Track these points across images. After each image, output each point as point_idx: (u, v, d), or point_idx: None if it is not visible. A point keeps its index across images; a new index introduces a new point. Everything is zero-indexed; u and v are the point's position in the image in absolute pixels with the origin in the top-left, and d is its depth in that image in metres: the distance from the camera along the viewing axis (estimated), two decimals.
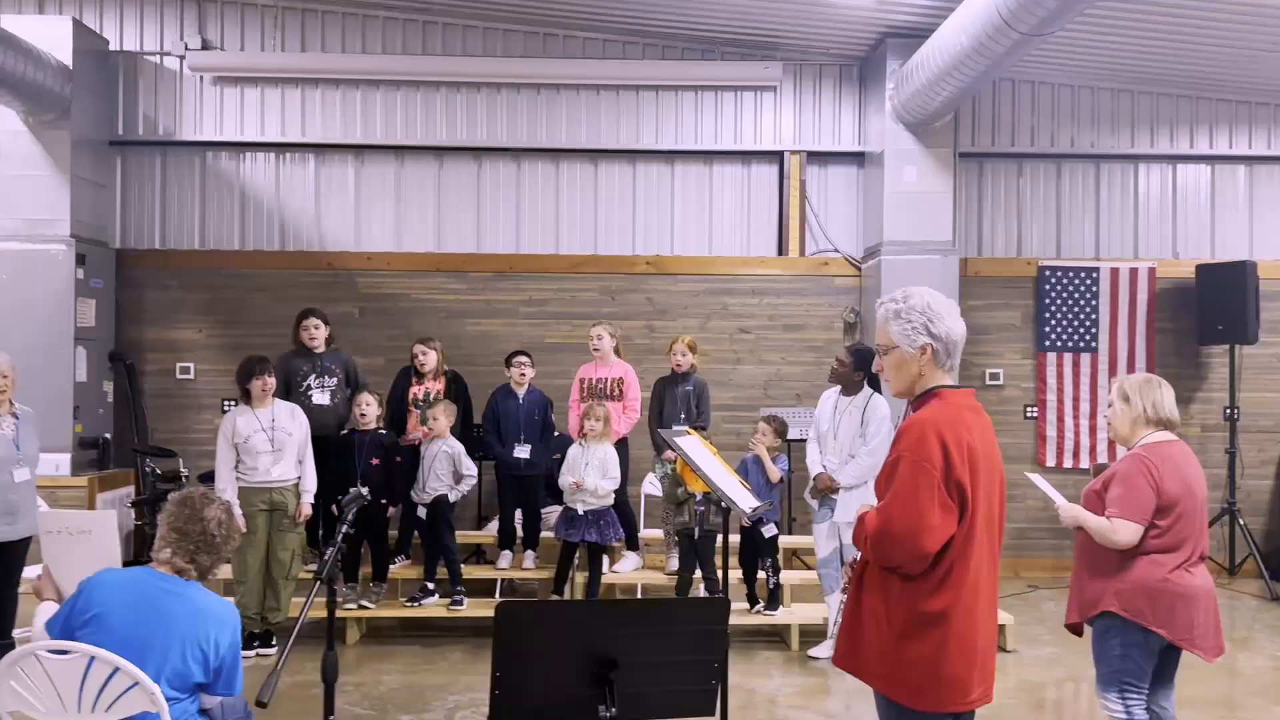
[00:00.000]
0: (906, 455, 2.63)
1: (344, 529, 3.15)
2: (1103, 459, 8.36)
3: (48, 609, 3.36)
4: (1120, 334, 8.71)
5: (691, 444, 3.95)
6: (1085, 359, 8.73)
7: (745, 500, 3.80)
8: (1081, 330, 8.73)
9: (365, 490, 3.42)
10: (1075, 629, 3.92)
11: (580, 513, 6.46)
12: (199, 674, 3.06)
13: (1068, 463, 8.70)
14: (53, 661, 2.91)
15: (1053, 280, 8.74)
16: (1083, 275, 8.74)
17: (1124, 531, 3.65)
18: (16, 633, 5.83)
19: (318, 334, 6.93)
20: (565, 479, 6.56)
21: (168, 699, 2.97)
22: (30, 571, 5.99)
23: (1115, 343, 8.71)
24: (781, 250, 8.82)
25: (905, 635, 2.64)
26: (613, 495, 6.61)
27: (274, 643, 6.15)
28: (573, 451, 6.66)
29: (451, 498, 6.56)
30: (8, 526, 5.47)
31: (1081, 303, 8.73)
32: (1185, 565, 3.69)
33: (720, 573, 6.30)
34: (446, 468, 6.52)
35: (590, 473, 6.50)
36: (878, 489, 2.79)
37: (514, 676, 2.43)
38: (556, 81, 8.65)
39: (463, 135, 8.68)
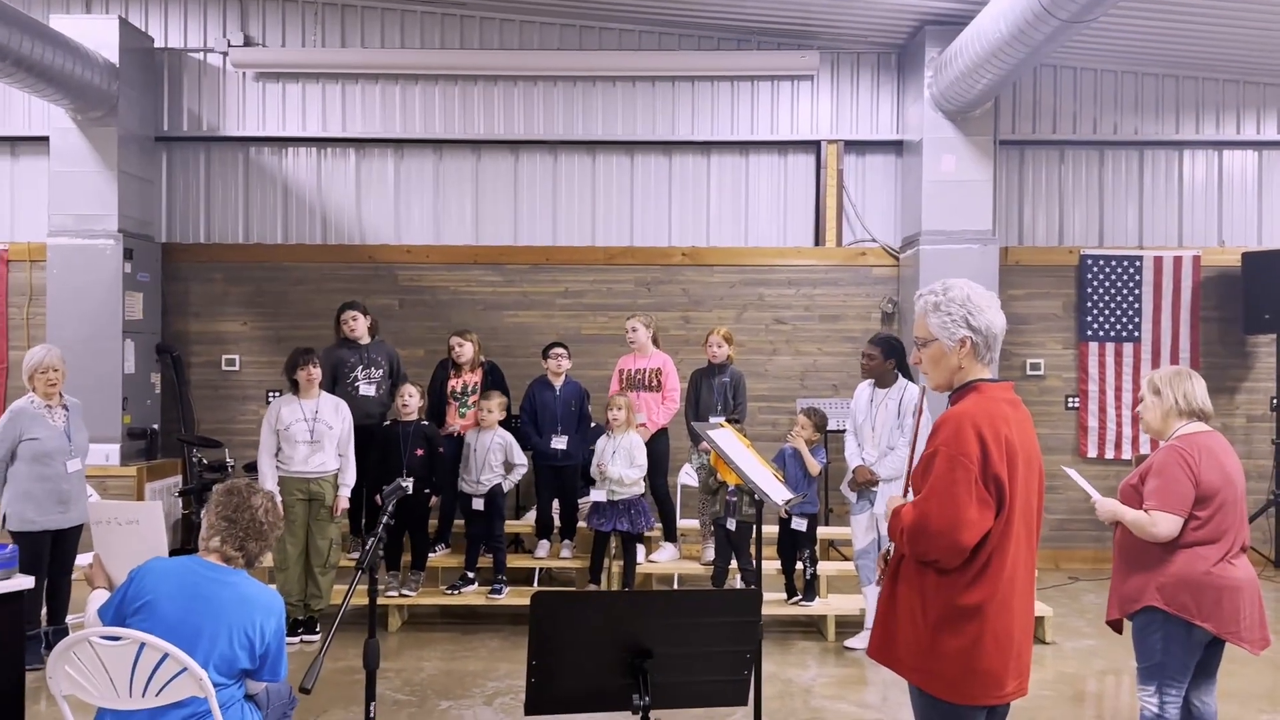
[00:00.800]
0: (943, 449, 2.62)
1: (385, 519, 3.21)
2: (1145, 450, 8.26)
3: (99, 596, 3.45)
4: (1164, 323, 8.58)
5: (724, 436, 3.97)
6: (1128, 349, 8.62)
7: (778, 492, 3.81)
8: (1124, 319, 8.61)
9: (407, 482, 3.46)
10: (1116, 626, 3.90)
11: (607, 501, 6.50)
12: (245, 660, 3.14)
13: (1109, 454, 8.60)
14: (105, 647, 3.00)
15: (1095, 269, 8.63)
16: (1125, 264, 8.62)
17: (1163, 524, 3.62)
18: (69, 619, 6.01)
19: (357, 325, 7.02)
20: (594, 469, 6.63)
21: (215, 684, 3.05)
22: (82, 559, 6.18)
23: (1159, 332, 8.59)
24: (818, 240, 8.79)
25: (940, 628, 2.65)
26: (642, 484, 6.64)
27: (317, 629, 6.28)
28: (601, 442, 6.71)
29: (505, 487, 6.64)
30: (61, 515, 5.64)
31: (1124, 291, 8.62)
32: (1228, 557, 3.65)
33: (754, 563, 6.38)
34: (499, 458, 6.61)
35: (617, 460, 6.54)
36: (914, 482, 2.79)
37: (549, 665, 2.47)
38: (593, 74, 8.68)
39: (500, 129, 8.74)
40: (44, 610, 5.71)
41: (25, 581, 3.59)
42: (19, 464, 5.54)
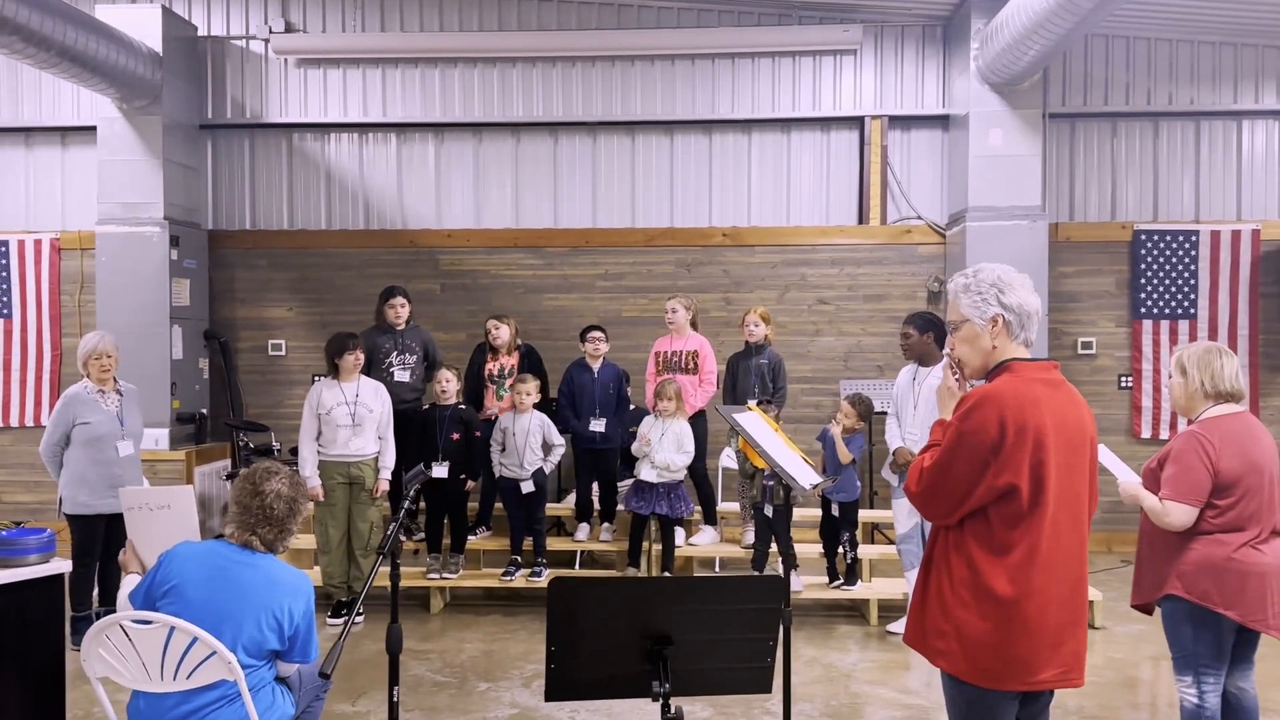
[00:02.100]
0: (955, 424, 2.64)
1: (406, 504, 3.20)
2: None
3: (132, 581, 3.50)
4: (1221, 299, 8.31)
5: (750, 419, 3.90)
6: (1184, 326, 8.37)
7: (805, 476, 3.74)
8: (1180, 296, 8.36)
9: (427, 466, 3.45)
10: (1144, 609, 3.79)
11: (652, 482, 6.44)
12: (274, 642, 3.16)
13: (1164, 434, 8.37)
14: (136, 631, 3.03)
15: (1149, 244, 8.38)
16: (1181, 239, 8.36)
17: (1176, 514, 3.50)
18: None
19: (403, 312, 7.07)
20: (637, 446, 6.57)
21: (244, 666, 3.07)
22: None
23: (1216, 309, 8.32)
24: (862, 219, 8.64)
25: (970, 612, 2.62)
26: (684, 470, 6.59)
27: (361, 612, 6.32)
28: (647, 421, 6.65)
29: (546, 470, 6.63)
30: (113, 499, 5.71)
31: (1180, 267, 8.36)
32: (1253, 542, 3.50)
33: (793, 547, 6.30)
34: (538, 440, 6.60)
35: (665, 445, 6.49)
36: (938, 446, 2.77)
37: (568, 651, 2.44)
38: (632, 53, 8.60)
39: (540, 111, 8.71)
40: (95, 591, 5.83)
41: (63, 565, 3.65)
42: (74, 448, 5.65)
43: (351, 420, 6.12)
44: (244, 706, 3.09)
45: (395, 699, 2.89)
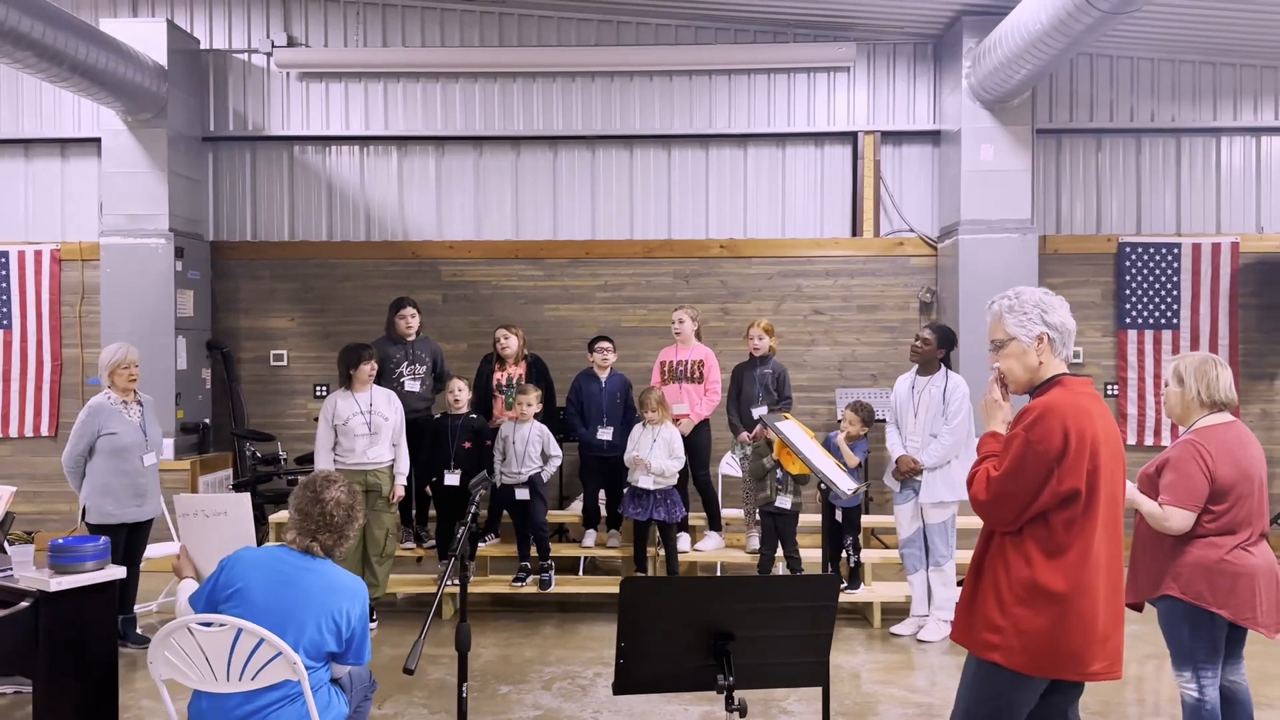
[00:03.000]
0: (1022, 434, 2.82)
1: (473, 509, 3.33)
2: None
3: (189, 586, 3.60)
4: (1203, 310, 8.60)
5: (791, 428, 4.07)
6: (1167, 336, 8.64)
7: (844, 482, 3.92)
8: (1163, 307, 8.64)
9: (491, 473, 3.59)
10: (1135, 607, 3.98)
11: (648, 489, 6.58)
12: (333, 644, 3.28)
13: (1149, 440, 8.64)
14: (203, 634, 3.14)
15: (1133, 256, 8.66)
16: (1164, 251, 8.64)
17: (1175, 519, 3.69)
18: (138, 607, 6.21)
19: (414, 322, 7.17)
20: (628, 455, 6.70)
21: (305, 668, 3.19)
22: (153, 550, 6.39)
23: (1197, 319, 8.61)
24: (856, 231, 8.86)
25: (1024, 607, 2.80)
26: (677, 475, 6.73)
27: (374, 617, 6.44)
28: (636, 430, 6.77)
29: (544, 477, 6.76)
30: (137, 508, 5.83)
31: (1163, 279, 8.64)
32: (1244, 545, 3.70)
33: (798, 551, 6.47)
34: (537, 449, 6.72)
35: (657, 452, 6.63)
36: (998, 456, 2.94)
37: (637, 647, 2.59)
38: (630, 69, 8.77)
39: (539, 125, 8.86)
40: None
41: (118, 571, 3.75)
42: (97, 459, 5.72)
43: (368, 429, 6.23)
44: (304, 706, 3.21)
45: (464, 694, 3.02)
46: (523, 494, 6.70)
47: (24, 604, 3.52)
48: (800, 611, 2.66)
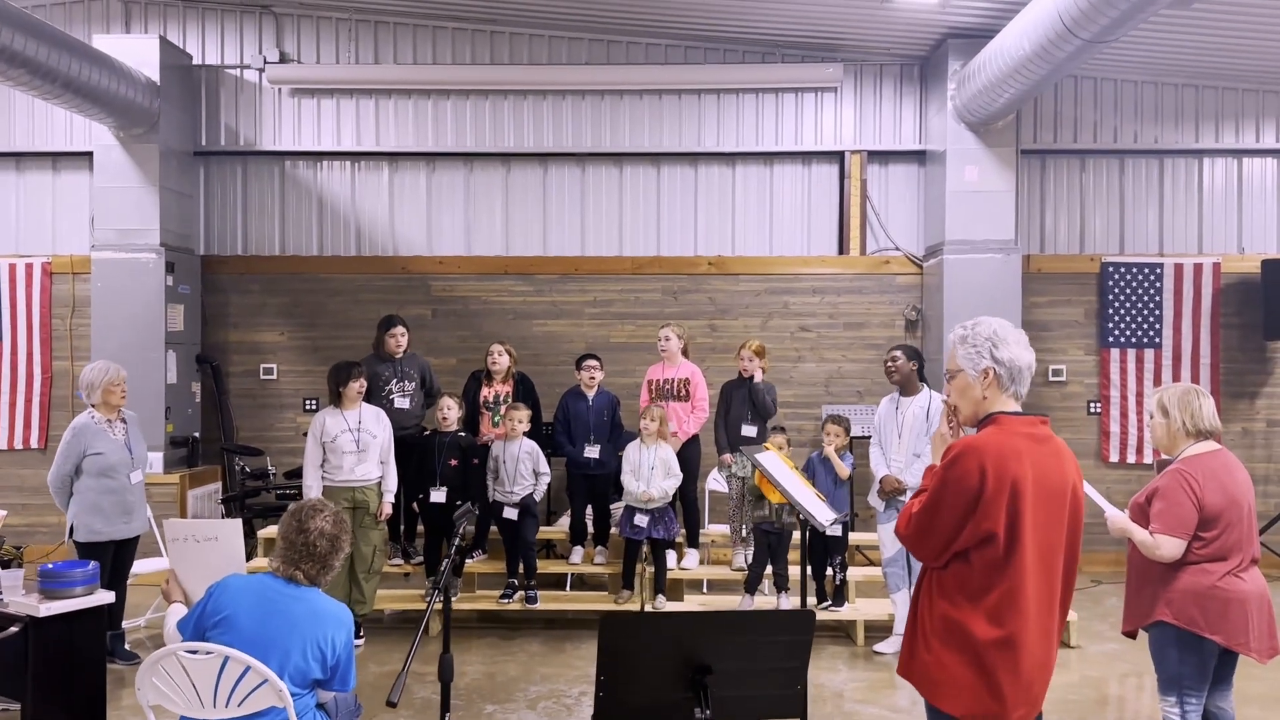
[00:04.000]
0: (940, 472, 2.79)
1: (457, 541, 3.39)
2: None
3: (177, 611, 3.65)
4: (1185, 329, 8.71)
5: (770, 459, 4.14)
6: (1149, 355, 8.75)
7: (822, 513, 3.98)
8: (1145, 326, 8.74)
9: (473, 503, 3.65)
10: (1131, 634, 4.06)
11: (638, 518, 6.66)
12: (318, 671, 3.33)
13: (1131, 458, 8.74)
14: (191, 660, 3.19)
15: (1116, 276, 8.76)
16: (1146, 271, 8.75)
17: (1166, 546, 3.76)
18: (126, 623, 6.24)
19: (403, 341, 7.23)
20: (630, 481, 6.74)
21: (291, 694, 3.24)
22: (141, 565, 6.43)
23: (1179, 338, 8.72)
24: (842, 249, 8.95)
25: (949, 649, 2.78)
26: (672, 494, 6.79)
27: (361, 634, 6.48)
28: (633, 452, 6.83)
29: (536, 496, 6.81)
30: (125, 525, 5.88)
31: (1145, 298, 8.74)
32: (1235, 571, 3.78)
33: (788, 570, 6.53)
34: (529, 467, 6.78)
35: (655, 475, 6.70)
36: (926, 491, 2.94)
37: (616, 680, 2.65)
38: (619, 87, 8.85)
39: (529, 142, 8.93)
40: None
41: (107, 596, 3.79)
42: (84, 478, 5.76)
43: (356, 446, 6.28)
44: None
45: None
46: (511, 514, 6.76)
47: (13, 629, 3.56)
48: (776, 645, 2.72)
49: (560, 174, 9.03)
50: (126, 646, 6.12)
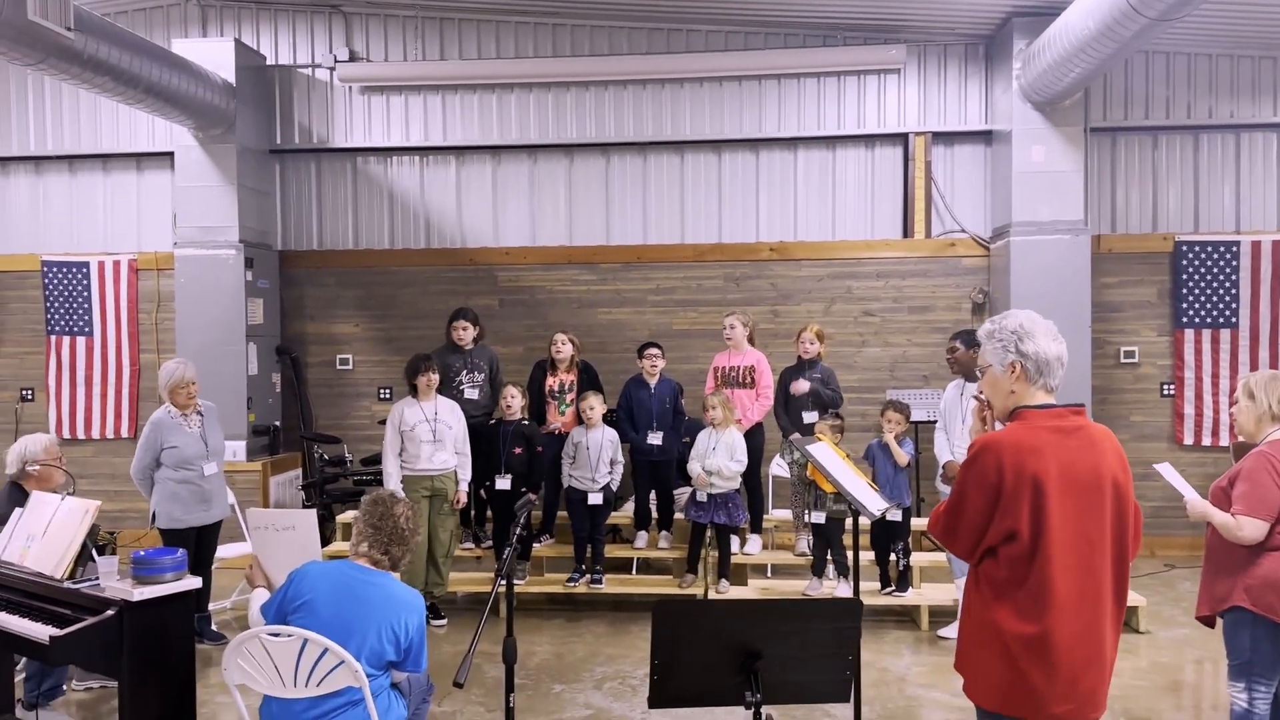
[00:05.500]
0: (961, 471, 2.84)
1: (518, 530, 3.53)
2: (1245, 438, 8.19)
3: (260, 595, 3.86)
4: (1263, 309, 8.48)
5: (822, 450, 4.20)
6: (1225, 335, 8.54)
7: (873, 502, 4.04)
8: (1221, 305, 8.54)
9: (532, 495, 3.81)
10: (1207, 621, 4.03)
11: (704, 500, 6.76)
12: (392, 653, 3.51)
13: (1206, 441, 8.56)
14: (272, 643, 3.39)
15: (1190, 255, 8.56)
16: (1222, 249, 8.53)
17: (1249, 528, 3.75)
18: (212, 605, 6.56)
19: (465, 334, 7.43)
20: (694, 466, 6.87)
21: (366, 675, 3.42)
22: (226, 550, 6.74)
23: (1257, 318, 8.49)
24: (907, 232, 8.89)
25: (979, 642, 2.83)
26: (739, 478, 6.89)
27: (442, 614, 6.73)
28: (702, 437, 6.96)
29: (613, 485, 6.97)
30: (204, 513, 6.16)
31: (1221, 277, 8.53)
32: None
33: (846, 554, 6.58)
34: (609, 455, 6.94)
35: (718, 454, 6.80)
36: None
37: (670, 665, 2.76)
38: (680, 76, 8.90)
39: (592, 132, 9.04)
40: None
41: (194, 581, 4.03)
42: (164, 469, 6.07)
43: (433, 436, 6.49)
44: (365, 710, 3.44)
45: (511, 704, 3.22)
46: (596, 499, 6.93)
47: (110, 612, 3.81)
48: (825, 633, 2.81)
49: (622, 163, 9.13)
50: (213, 627, 6.44)
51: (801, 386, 7.13)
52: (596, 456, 6.90)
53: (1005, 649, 2.74)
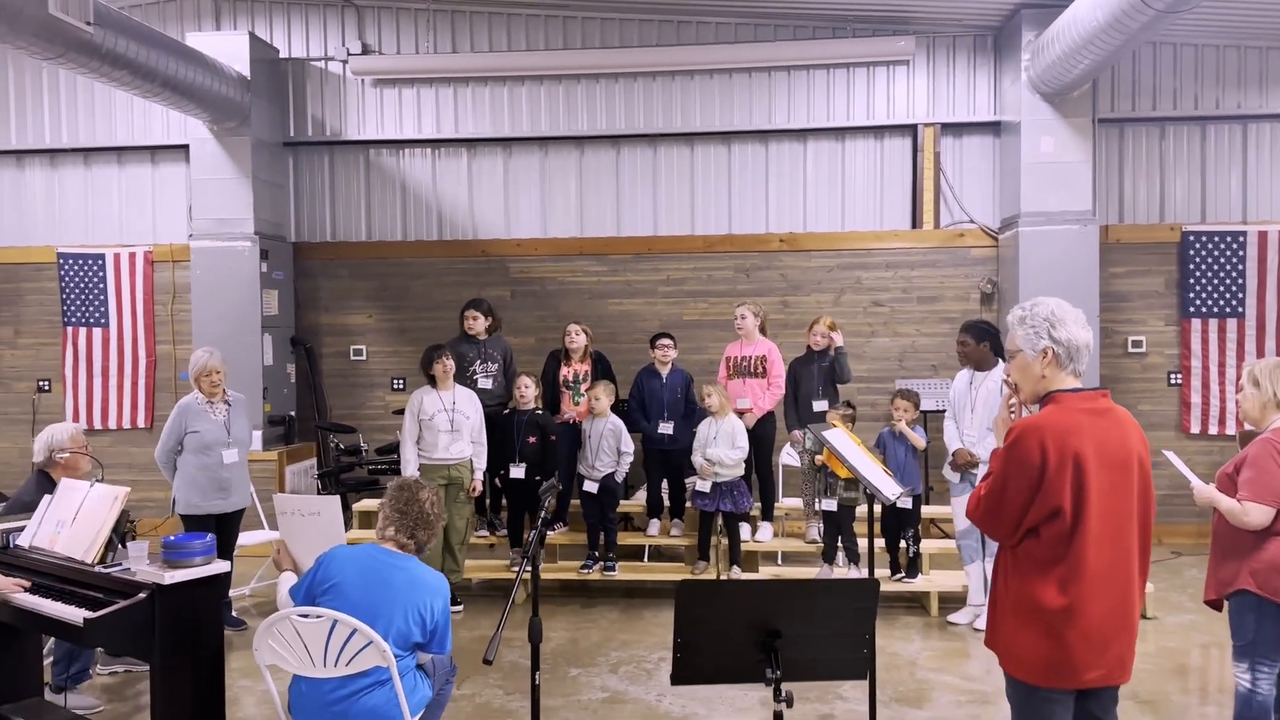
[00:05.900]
0: (1004, 454, 2.92)
1: (543, 514, 3.62)
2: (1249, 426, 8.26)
3: (288, 579, 3.96)
4: (1269, 299, 8.54)
5: (838, 435, 4.28)
6: (1232, 324, 8.60)
7: (889, 487, 4.12)
8: (1228, 295, 8.59)
9: (557, 481, 3.90)
10: (1215, 604, 4.11)
11: (708, 490, 6.85)
12: (418, 635, 3.60)
13: (1213, 429, 8.63)
14: (303, 624, 3.48)
15: (1197, 245, 8.62)
16: (1229, 239, 8.59)
17: (1255, 514, 3.82)
18: (232, 591, 6.66)
19: (475, 324, 7.52)
20: (696, 457, 6.95)
21: (394, 655, 3.52)
22: (246, 538, 6.84)
23: (1264, 307, 8.55)
24: (916, 223, 8.96)
25: (1019, 617, 2.92)
26: (742, 465, 6.96)
27: (458, 600, 6.83)
28: (703, 427, 7.03)
29: (618, 476, 7.06)
30: (222, 500, 6.26)
31: (1228, 267, 8.59)
32: None
33: (857, 542, 6.67)
34: (612, 444, 7.03)
35: (719, 443, 6.88)
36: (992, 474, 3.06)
37: (692, 642, 2.85)
38: (690, 68, 8.96)
39: (602, 124, 9.11)
40: None
41: (223, 565, 4.13)
42: (186, 454, 6.18)
43: (450, 426, 6.60)
44: (392, 689, 3.54)
45: (536, 681, 3.31)
46: (591, 487, 7.02)
47: (141, 595, 3.91)
48: (842, 611, 2.89)
49: (632, 155, 9.20)
50: (234, 614, 6.54)
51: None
52: (597, 445, 6.99)
53: (1048, 625, 2.85)
